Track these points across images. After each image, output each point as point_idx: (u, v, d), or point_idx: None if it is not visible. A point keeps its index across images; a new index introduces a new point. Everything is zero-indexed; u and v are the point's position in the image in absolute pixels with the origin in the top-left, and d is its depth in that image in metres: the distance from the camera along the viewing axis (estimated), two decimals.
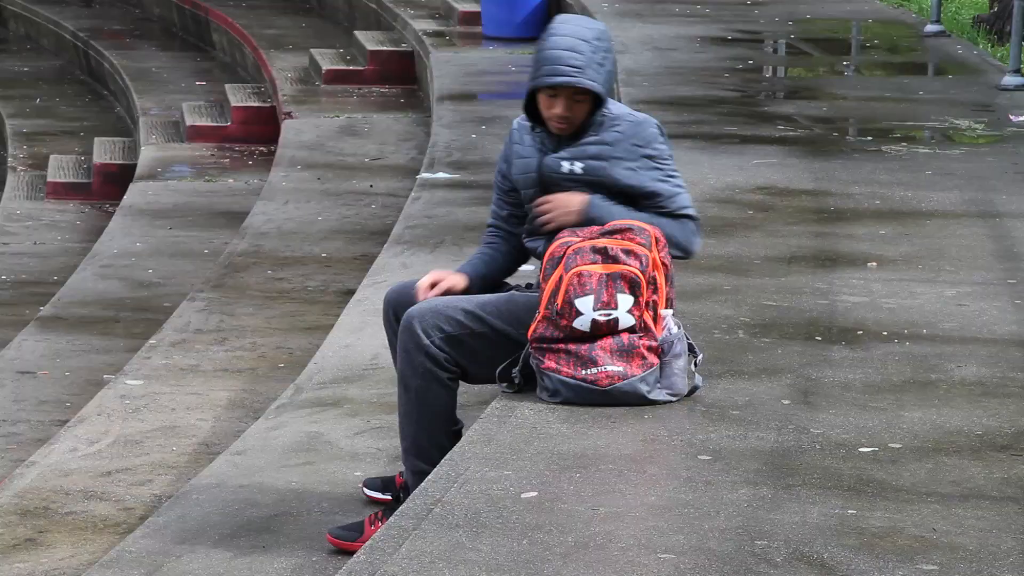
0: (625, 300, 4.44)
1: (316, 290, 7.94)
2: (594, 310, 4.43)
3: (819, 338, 5.29)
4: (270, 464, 5.15)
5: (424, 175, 8.89)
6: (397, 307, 4.68)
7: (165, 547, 4.55)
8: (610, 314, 4.42)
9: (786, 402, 4.63)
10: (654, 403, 4.50)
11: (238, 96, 12.47)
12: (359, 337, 6.38)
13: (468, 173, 8.92)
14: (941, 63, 11.45)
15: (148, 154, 11.47)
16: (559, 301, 4.44)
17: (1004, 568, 3.65)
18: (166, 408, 6.21)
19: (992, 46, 11.91)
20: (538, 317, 4.45)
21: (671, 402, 4.53)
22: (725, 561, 3.66)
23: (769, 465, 4.22)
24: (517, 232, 4.68)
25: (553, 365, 4.47)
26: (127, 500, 5.31)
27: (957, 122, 9.34)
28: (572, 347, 4.45)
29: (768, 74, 11.38)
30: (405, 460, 4.56)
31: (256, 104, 12.29)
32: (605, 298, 4.42)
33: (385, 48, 12.85)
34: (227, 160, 11.45)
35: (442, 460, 4.30)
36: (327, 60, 12.82)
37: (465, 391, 4.65)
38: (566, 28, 4.52)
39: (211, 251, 9.15)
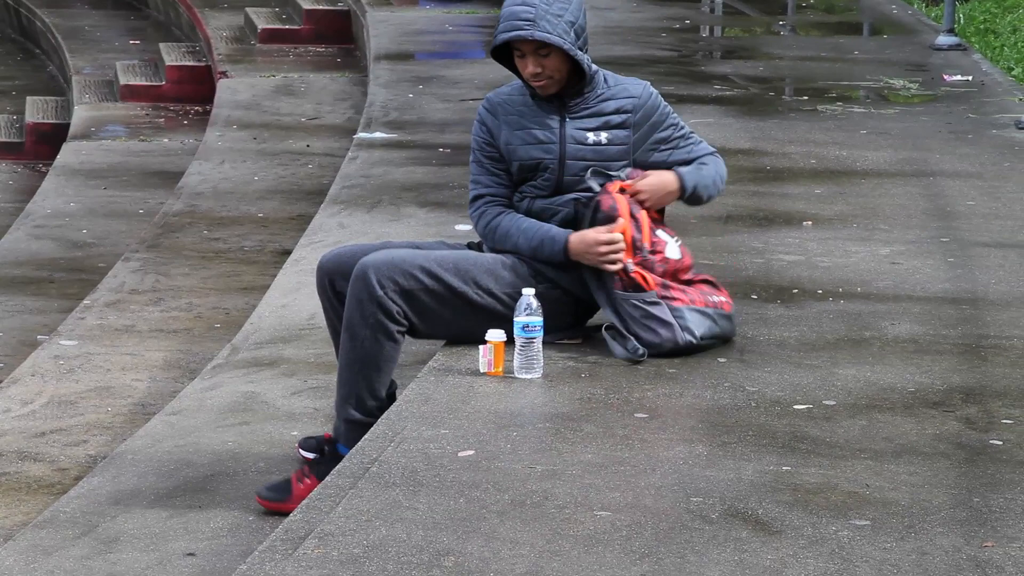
0: (664, 234, 4.62)
1: (252, 250, 7.91)
2: (672, 239, 4.61)
3: (755, 296, 5.31)
4: (206, 424, 5.13)
5: (361, 135, 8.86)
6: (333, 274, 4.65)
7: (100, 507, 4.53)
8: (679, 240, 4.60)
9: (722, 360, 4.65)
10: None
11: (172, 55, 12.38)
12: (296, 297, 6.36)
13: (405, 133, 8.89)
14: (876, 23, 11.50)
15: (81, 113, 11.37)
16: (646, 240, 4.54)
17: (936, 522, 3.69)
18: (101, 368, 6.17)
19: (927, 6, 11.97)
20: (634, 272, 4.50)
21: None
22: (661, 518, 3.68)
23: (705, 423, 4.24)
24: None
25: (686, 300, 4.57)
26: (61, 461, 5.28)
27: (892, 82, 9.39)
28: (683, 286, 4.59)
29: (705, 34, 11.40)
30: (340, 410, 4.55)
31: (191, 63, 12.20)
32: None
33: (321, 7, 12.78)
34: (162, 120, 11.37)
35: (379, 419, 4.30)
36: (262, 19, 12.74)
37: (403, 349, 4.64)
38: None
39: (146, 211, 9.09)
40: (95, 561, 4.21)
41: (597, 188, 4.51)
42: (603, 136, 4.54)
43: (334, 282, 4.64)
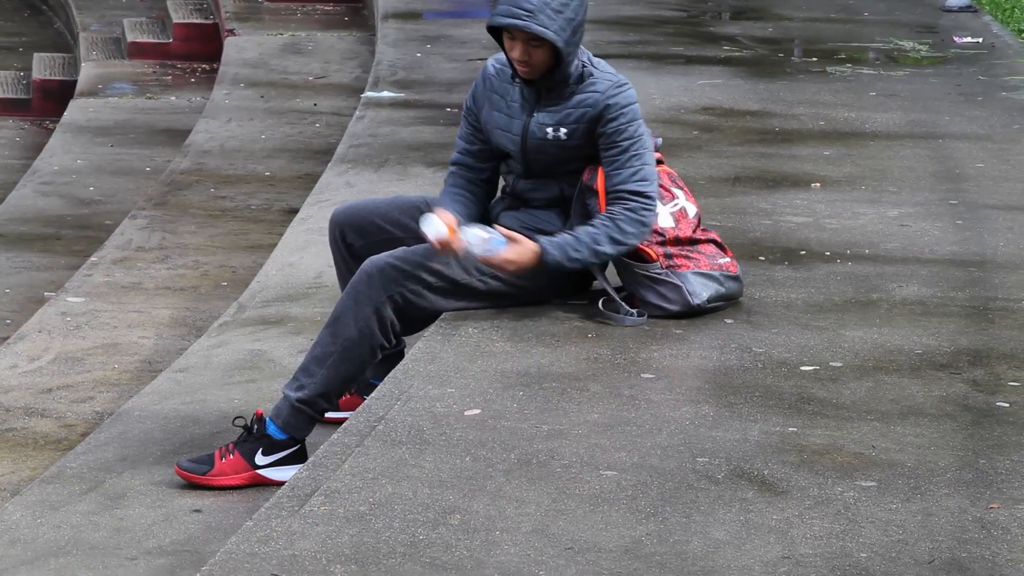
0: (679, 192, 4.59)
1: (259, 208, 7.90)
2: (664, 205, 4.54)
3: (762, 258, 5.31)
4: (213, 382, 5.14)
5: (368, 94, 8.84)
6: (344, 227, 4.65)
7: (106, 463, 4.54)
8: (677, 204, 4.52)
9: (729, 321, 4.65)
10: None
11: (180, 13, 12.34)
12: (302, 256, 6.36)
13: (413, 92, 8.87)
14: None
15: (89, 71, 11.34)
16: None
17: (941, 484, 3.69)
18: (108, 325, 6.18)
19: None
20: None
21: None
22: (667, 478, 3.69)
23: (711, 384, 4.24)
24: (486, 167, 4.65)
25: (691, 264, 4.55)
26: (68, 417, 5.29)
27: (901, 43, 9.36)
28: (686, 249, 4.56)
29: None
30: (290, 390, 4.38)
31: (198, 21, 12.17)
32: (667, 191, 4.56)
33: None
34: (169, 77, 11.35)
35: (386, 378, 4.30)
36: None
37: None
38: None
39: (153, 169, 9.08)
40: (102, 516, 4.23)
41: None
42: (562, 132, 4.49)
43: (345, 234, 4.64)
